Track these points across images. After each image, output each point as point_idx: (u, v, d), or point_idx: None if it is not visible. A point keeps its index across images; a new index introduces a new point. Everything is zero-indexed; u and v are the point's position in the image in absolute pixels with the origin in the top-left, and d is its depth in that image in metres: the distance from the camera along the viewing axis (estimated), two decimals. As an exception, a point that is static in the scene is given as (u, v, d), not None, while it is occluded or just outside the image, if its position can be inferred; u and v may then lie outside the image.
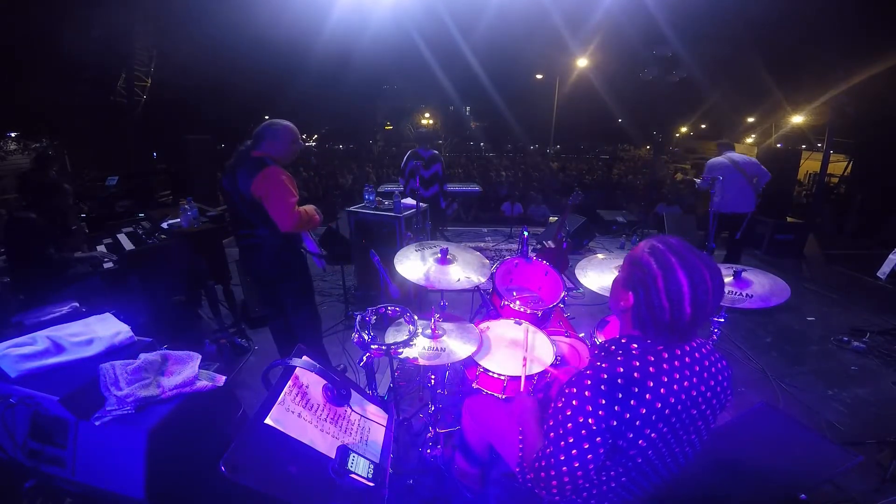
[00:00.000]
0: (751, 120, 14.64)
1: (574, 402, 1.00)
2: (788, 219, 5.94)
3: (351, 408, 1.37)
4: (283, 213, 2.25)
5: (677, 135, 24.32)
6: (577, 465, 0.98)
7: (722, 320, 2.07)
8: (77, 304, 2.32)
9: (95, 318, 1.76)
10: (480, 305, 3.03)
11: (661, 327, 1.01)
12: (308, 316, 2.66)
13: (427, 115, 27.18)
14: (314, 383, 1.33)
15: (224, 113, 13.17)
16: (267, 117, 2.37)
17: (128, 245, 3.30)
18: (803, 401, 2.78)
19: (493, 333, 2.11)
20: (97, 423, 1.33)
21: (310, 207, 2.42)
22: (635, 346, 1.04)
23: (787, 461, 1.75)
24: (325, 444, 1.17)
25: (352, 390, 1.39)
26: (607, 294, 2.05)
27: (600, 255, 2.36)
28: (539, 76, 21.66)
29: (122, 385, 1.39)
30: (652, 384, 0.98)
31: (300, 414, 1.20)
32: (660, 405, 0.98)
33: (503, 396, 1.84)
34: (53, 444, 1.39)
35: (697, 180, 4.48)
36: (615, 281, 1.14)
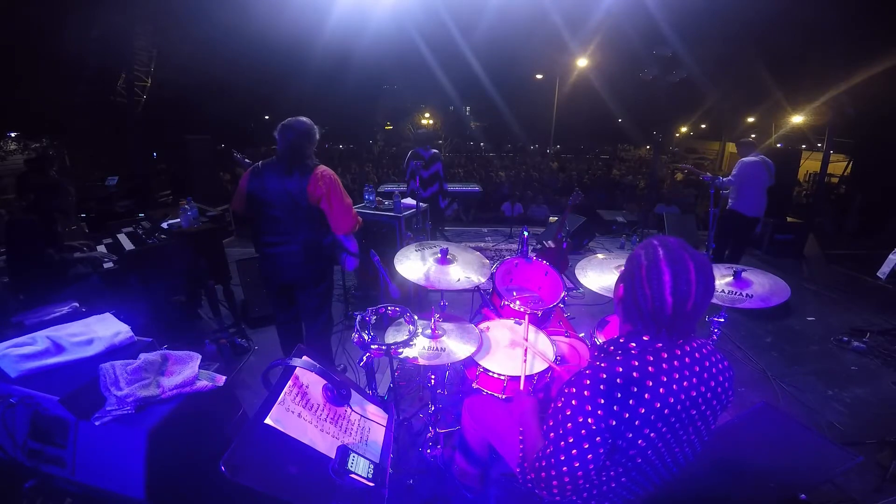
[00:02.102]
0: (751, 120, 14.63)
1: (574, 402, 1.00)
2: (788, 219, 5.95)
3: (351, 408, 1.37)
4: (346, 215, 2.25)
5: (677, 135, 24.29)
6: (577, 465, 0.98)
7: (722, 320, 2.07)
8: (77, 304, 2.32)
9: (95, 318, 1.76)
10: (480, 305, 3.03)
11: (645, 316, 1.03)
12: (327, 318, 2.64)
13: (427, 115, 27.15)
14: (314, 383, 1.33)
15: (224, 113, 13.17)
16: (267, 117, 2.34)
17: (128, 245, 3.30)
18: (803, 401, 2.78)
19: (493, 333, 2.11)
20: (97, 423, 1.33)
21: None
22: (634, 345, 1.05)
23: (787, 461, 1.75)
24: (325, 444, 1.17)
25: (352, 390, 1.39)
26: (607, 294, 2.07)
27: (600, 255, 2.37)
28: (539, 76, 21.63)
29: (122, 385, 1.39)
30: (651, 384, 0.99)
31: (300, 414, 1.20)
32: (659, 405, 0.99)
33: (503, 396, 1.84)
34: (53, 444, 1.39)
35: (708, 174, 4.44)
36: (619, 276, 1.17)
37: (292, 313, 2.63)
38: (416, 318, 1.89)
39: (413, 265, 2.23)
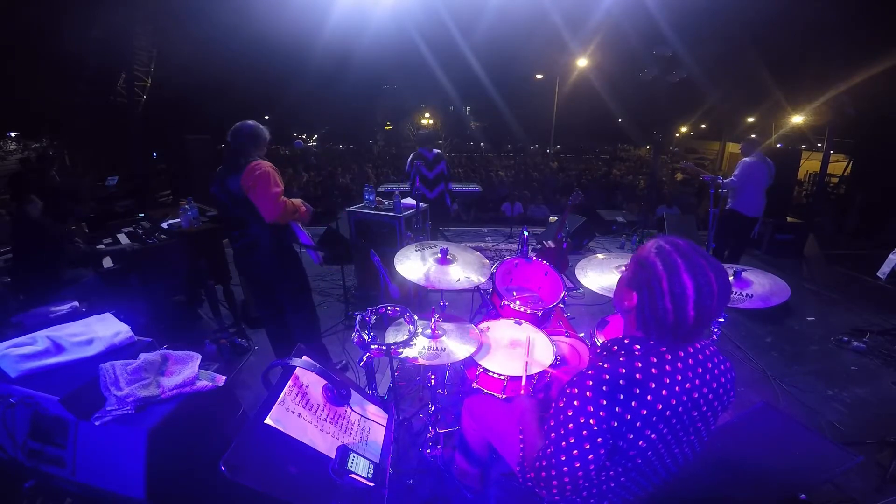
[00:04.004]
0: (751, 120, 14.63)
1: (575, 403, 0.99)
2: (788, 219, 5.94)
3: (351, 408, 1.37)
4: (268, 203, 2.29)
5: (677, 135, 24.29)
6: (577, 465, 0.98)
7: (722, 320, 2.07)
8: (77, 304, 2.32)
9: (95, 318, 1.76)
10: (480, 305, 3.03)
11: (664, 329, 0.99)
12: (307, 316, 2.69)
13: (427, 115, 27.18)
14: (314, 383, 1.33)
15: (224, 113, 13.16)
16: (267, 117, 2.37)
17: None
18: (803, 401, 2.78)
19: (493, 333, 2.10)
20: (97, 423, 1.33)
21: (296, 200, 2.47)
22: (638, 346, 1.04)
23: (787, 461, 1.75)
24: (325, 444, 1.17)
25: (352, 390, 1.39)
26: (607, 294, 2.07)
27: (600, 255, 2.36)
28: (539, 76, 21.66)
29: (122, 385, 1.39)
30: (654, 385, 0.98)
31: (300, 414, 1.20)
32: (661, 406, 0.98)
33: (503, 396, 1.84)
34: (53, 444, 1.39)
35: (709, 174, 4.44)
36: (620, 280, 1.13)
37: (271, 310, 2.72)
38: (416, 318, 1.89)
39: (413, 265, 2.23)
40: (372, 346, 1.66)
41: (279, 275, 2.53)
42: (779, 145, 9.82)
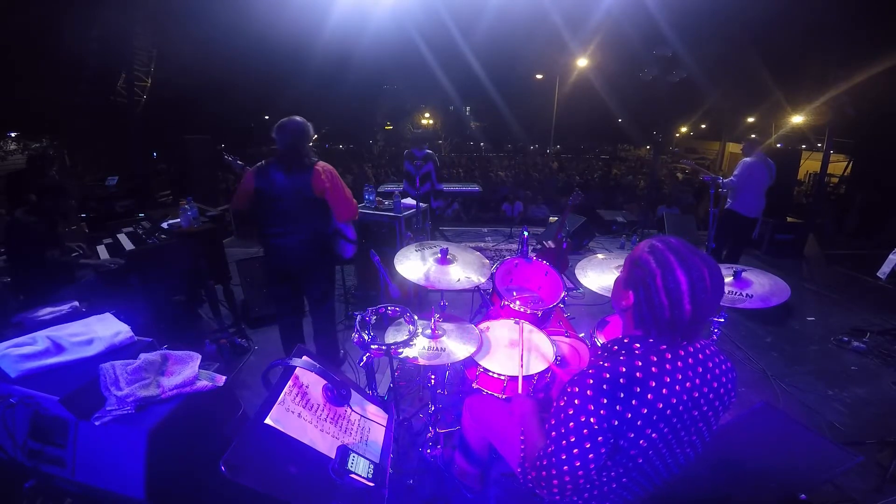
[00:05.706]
0: (751, 120, 14.64)
1: (576, 402, 1.00)
2: (788, 219, 5.94)
3: (351, 408, 1.37)
4: (346, 204, 2.45)
5: (677, 135, 24.28)
6: (578, 464, 0.98)
7: (722, 320, 2.07)
8: (77, 304, 2.32)
9: (95, 318, 1.76)
10: (480, 305, 3.03)
11: (662, 325, 1.01)
12: (332, 305, 2.81)
13: (427, 115, 27.15)
14: (314, 383, 1.33)
15: (224, 112, 13.18)
16: (267, 117, 2.40)
17: (128, 245, 3.30)
18: (803, 401, 2.78)
19: (493, 333, 2.11)
20: (97, 423, 1.33)
21: None
22: (638, 345, 1.04)
23: (787, 461, 1.75)
24: (325, 444, 1.17)
25: (352, 390, 1.39)
26: (607, 294, 2.07)
27: (600, 255, 2.36)
28: (539, 76, 21.66)
29: (122, 385, 1.39)
30: (654, 384, 0.98)
31: (300, 414, 1.20)
32: (661, 405, 0.98)
33: (503, 396, 1.84)
34: (53, 444, 1.39)
35: (709, 173, 4.45)
36: (616, 281, 1.15)
37: (294, 304, 2.76)
38: (416, 318, 1.89)
39: (413, 265, 2.23)
40: (372, 346, 1.66)
41: (317, 266, 2.60)
42: (779, 145, 9.82)
